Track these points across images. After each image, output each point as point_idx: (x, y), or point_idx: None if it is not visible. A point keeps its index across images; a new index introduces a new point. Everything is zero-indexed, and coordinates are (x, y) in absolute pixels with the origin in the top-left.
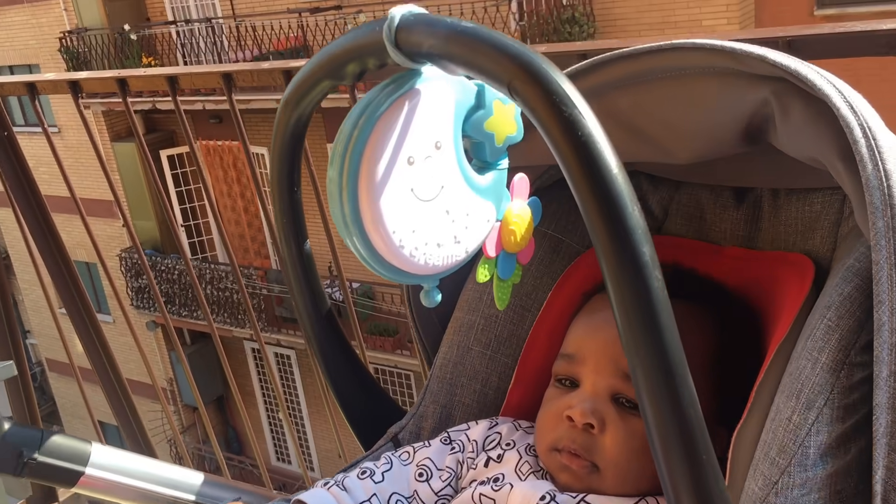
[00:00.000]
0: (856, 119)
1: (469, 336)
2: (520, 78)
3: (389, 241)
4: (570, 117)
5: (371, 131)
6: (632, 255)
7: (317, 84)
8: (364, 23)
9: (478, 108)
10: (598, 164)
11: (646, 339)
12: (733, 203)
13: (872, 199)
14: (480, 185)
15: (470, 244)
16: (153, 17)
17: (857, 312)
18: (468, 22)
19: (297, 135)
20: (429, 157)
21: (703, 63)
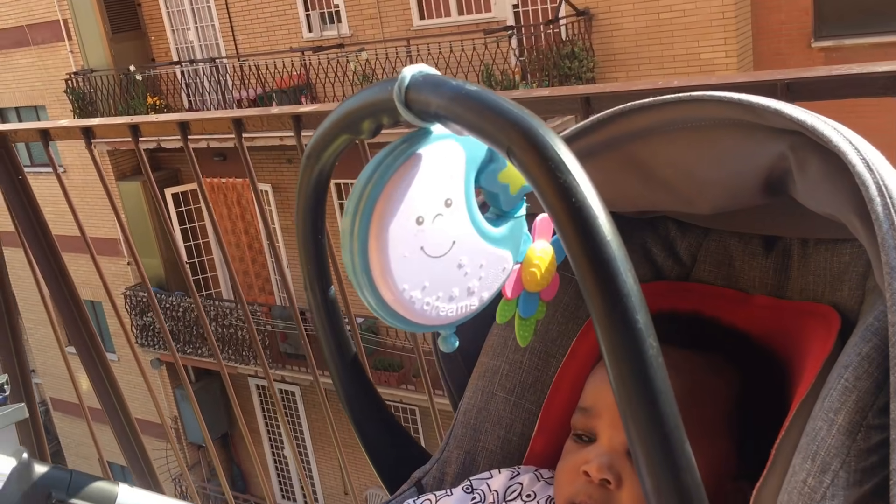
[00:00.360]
0: (872, 177)
1: (494, 381)
2: (518, 143)
3: (400, 296)
4: (565, 184)
5: (381, 191)
6: (625, 323)
7: (336, 138)
8: (380, 82)
9: (490, 161)
10: (592, 229)
11: (641, 407)
12: (762, 251)
13: (889, 260)
14: (495, 234)
15: (485, 294)
16: (158, 58)
17: (875, 373)
18: (473, 85)
19: (321, 186)
20: (439, 214)
21: (720, 115)
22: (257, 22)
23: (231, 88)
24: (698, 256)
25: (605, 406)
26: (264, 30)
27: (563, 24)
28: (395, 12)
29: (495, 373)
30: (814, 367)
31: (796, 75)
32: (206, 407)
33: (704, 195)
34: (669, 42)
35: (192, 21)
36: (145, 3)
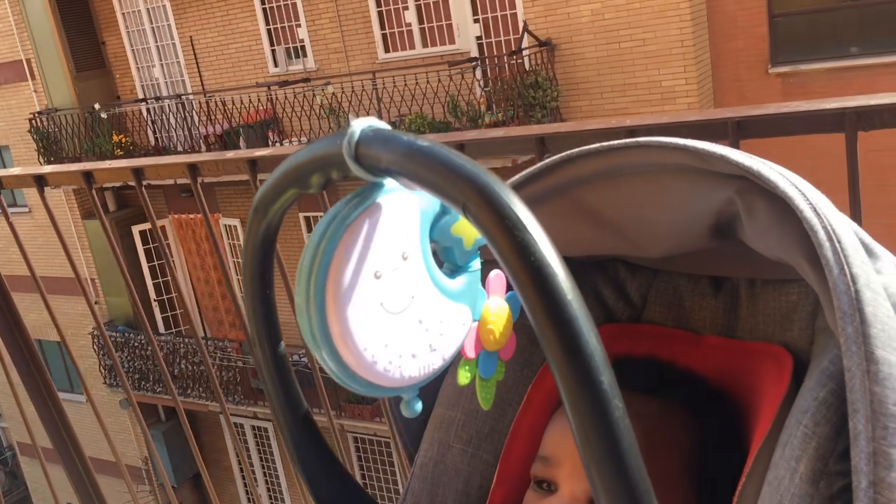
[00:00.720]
0: (819, 221)
1: (450, 433)
2: (473, 200)
3: (361, 357)
4: (523, 242)
5: (336, 247)
6: (590, 384)
7: (283, 192)
8: (329, 135)
9: (443, 214)
10: (552, 289)
11: (609, 471)
12: (711, 291)
13: (840, 305)
14: (452, 289)
15: (447, 351)
16: (123, 95)
17: (833, 418)
18: (425, 140)
19: (268, 240)
20: (396, 268)
21: (667, 161)
22: (223, 58)
23: (197, 124)
24: (649, 297)
25: (565, 455)
26: (230, 65)
27: (526, 55)
28: (360, 46)
29: (451, 423)
30: (770, 410)
31: (746, 113)
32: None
33: (655, 239)
34: (631, 70)
35: (158, 58)
36: (109, 42)
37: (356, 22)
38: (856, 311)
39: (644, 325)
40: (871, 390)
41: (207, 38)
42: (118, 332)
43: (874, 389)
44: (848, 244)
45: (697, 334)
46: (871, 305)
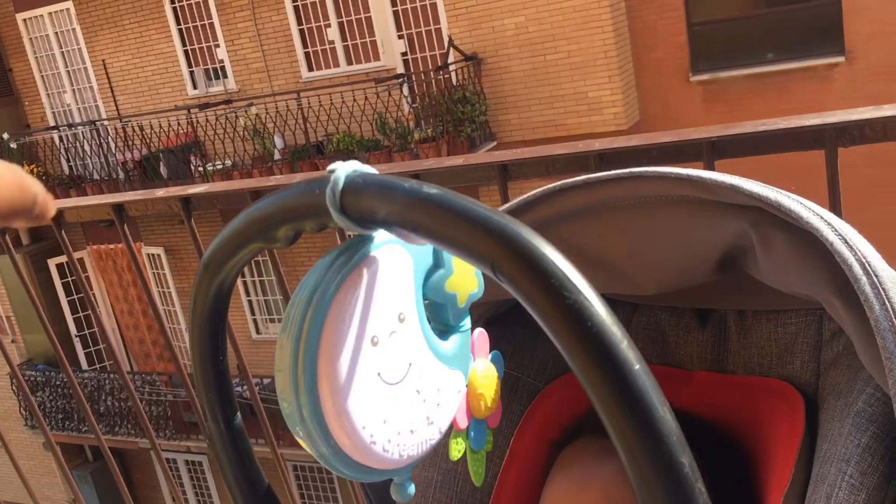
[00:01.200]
0: (853, 255)
1: (427, 496)
2: (507, 258)
3: (359, 439)
4: (576, 305)
5: (327, 313)
6: (671, 470)
7: (242, 247)
8: (302, 182)
9: (437, 268)
10: (617, 360)
11: None
12: (697, 324)
13: (886, 344)
14: (447, 352)
15: (443, 423)
16: (33, 124)
17: (880, 466)
18: (431, 186)
19: (221, 301)
20: (394, 332)
21: (664, 192)
22: (138, 81)
23: (114, 151)
24: (629, 333)
25: None
26: (146, 89)
27: (452, 70)
28: (282, 65)
29: (428, 485)
30: (786, 453)
31: (722, 133)
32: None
33: (649, 277)
34: (557, 82)
35: (69, 84)
36: (17, 68)
37: (277, 41)
38: None
39: None
40: None
41: (121, 60)
42: (38, 371)
43: None
44: (886, 277)
45: (686, 370)
46: None
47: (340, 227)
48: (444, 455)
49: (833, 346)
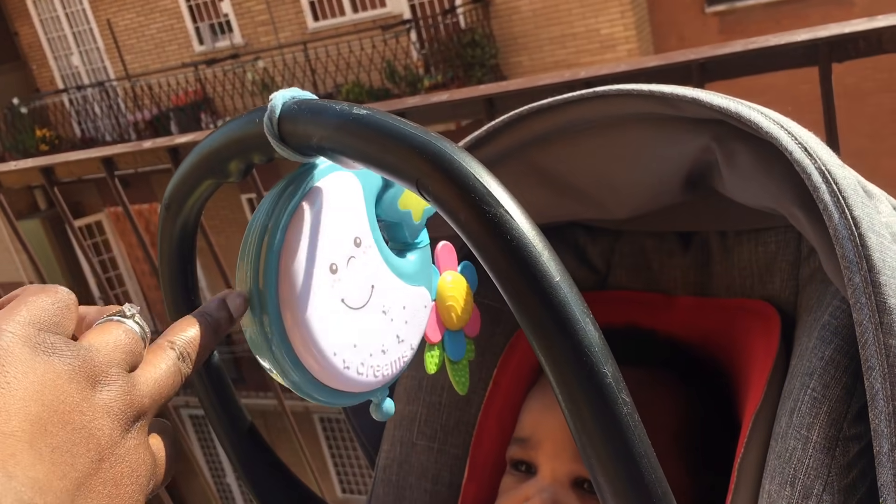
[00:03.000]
0: (812, 162)
1: (412, 430)
2: (429, 175)
3: (332, 366)
4: (496, 218)
5: (282, 244)
6: (592, 380)
7: (198, 184)
8: (244, 113)
9: (388, 187)
10: (537, 270)
11: (621, 480)
12: (679, 248)
13: (845, 253)
14: (408, 270)
15: (413, 339)
16: (43, 87)
17: (844, 378)
18: (362, 107)
19: (187, 240)
20: (352, 257)
21: (629, 110)
22: (144, 40)
23: (125, 111)
24: (612, 261)
25: (545, 435)
26: (152, 47)
27: (460, 13)
28: (287, 16)
29: (413, 420)
30: (761, 372)
31: (710, 53)
32: None
33: (619, 199)
34: (568, 21)
35: (75, 45)
36: (22, 32)
37: None
38: (862, 259)
39: (611, 291)
40: (887, 344)
41: (126, 19)
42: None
43: (889, 342)
44: (846, 185)
45: (669, 296)
46: (878, 251)
47: (285, 158)
48: (428, 388)
49: (811, 263)
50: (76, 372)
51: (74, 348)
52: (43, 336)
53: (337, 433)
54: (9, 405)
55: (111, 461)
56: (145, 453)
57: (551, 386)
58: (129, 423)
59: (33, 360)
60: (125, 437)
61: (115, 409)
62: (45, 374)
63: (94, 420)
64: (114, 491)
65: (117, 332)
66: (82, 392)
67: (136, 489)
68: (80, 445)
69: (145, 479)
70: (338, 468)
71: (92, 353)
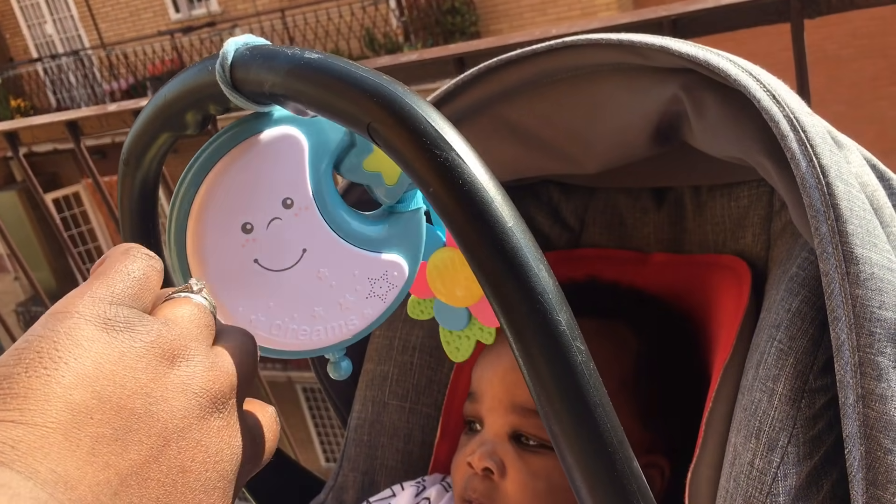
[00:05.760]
0: (780, 110)
1: (384, 389)
2: (378, 118)
3: (237, 320)
4: (447, 162)
5: (194, 194)
6: (545, 328)
7: (156, 138)
8: (198, 62)
9: (352, 146)
10: (490, 216)
11: (574, 426)
12: (653, 205)
13: (812, 202)
14: (372, 236)
15: (368, 309)
16: (16, 57)
17: (810, 330)
18: (314, 52)
19: (147, 197)
20: (276, 219)
21: (598, 61)
22: (119, 7)
23: (100, 81)
24: (586, 219)
25: (486, 388)
26: (127, 15)
27: None
28: None
29: (384, 379)
30: (731, 325)
31: (682, 10)
32: None
33: (590, 153)
34: None
35: (49, 13)
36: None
37: None
38: (829, 207)
39: (584, 249)
40: (853, 294)
41: None
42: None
43: (856, 293)
44: (814, 133)
45: (642, 253)
46: (846, 199)
47: (238, 106)
48: (399, 348)
49: (782, 217)
50: (149, 349)
51: (149, 322)
52: (115, 311)
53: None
54: (49, 394)
55: (180, 445)
56: (232, 437)
57: (505, 335)
58: (211, 403)
59: (97, 339)
60: (206, 419)
61: (195, 387)
62: (106, 354)
63: (162, 402)
64: (179, 478)
65: (189, 306)
66: (154, 371)
67: (214, 476)
68: (137, 432)
69: (230, 465)
70: (321, 437)
71: (169, 327)
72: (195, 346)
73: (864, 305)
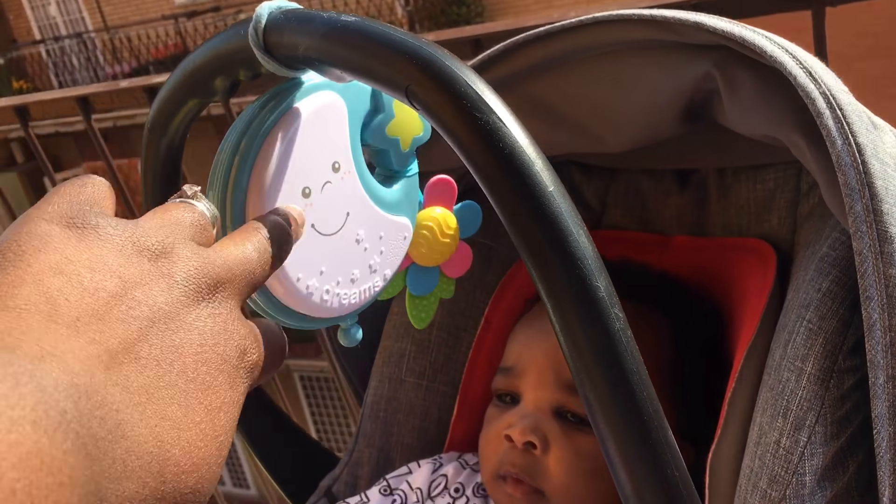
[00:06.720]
0: (817, 88)
1: (401, 366)
2: (419, 81)
3: (294, 289)
4: (488, 125)
5: (253, 165)
6: (585, 294)
7: (183, 104)
8: (230, 26)
9: (376, 113)
10: (530, 181)
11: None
12: (676, 187)
13: (847, 180)
14: (390, 199)
15: (388, 270)
16: (20, 38)
17: (840, 310)
18: (351, 16)
19: (172, 164)
20: (328, 182)
21: (628, 37)
22: None
23: (103, 64)
24: (607, 200)
25: (530, 363)
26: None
27: None
28: None
29: (402, 356)
30: (756, 308)
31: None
32: None
33: (617, 131)
34: None
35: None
36: None
37: None
38: (864, 186)
39: (605, 230)
40: (887, 274)
41: None
42: None
43: (889, 272)
44: (850, 111)
45: (664, 236)
46: (881, 178)
47: (271, 72)
48: None
49: (810, 199)
50: (117, 242)
51: (116, 223)
52: (77, 211)
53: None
54: (17, 280)
55: (168, 325)
56: (229, 324)
57: (542, 301)
58: (199, 291)
59: (61, 235)
60: (195, 305)
61: (177, 275)
62: (73, 245)
63: (139, 286)
64: (175, 357)
65: (177, 210)
66: (125, 259)
67: (215, 358)
68: (117, 310)
69: (233, 351)
70: (317, 426)
71: (139, 226)
72: (172, 239)
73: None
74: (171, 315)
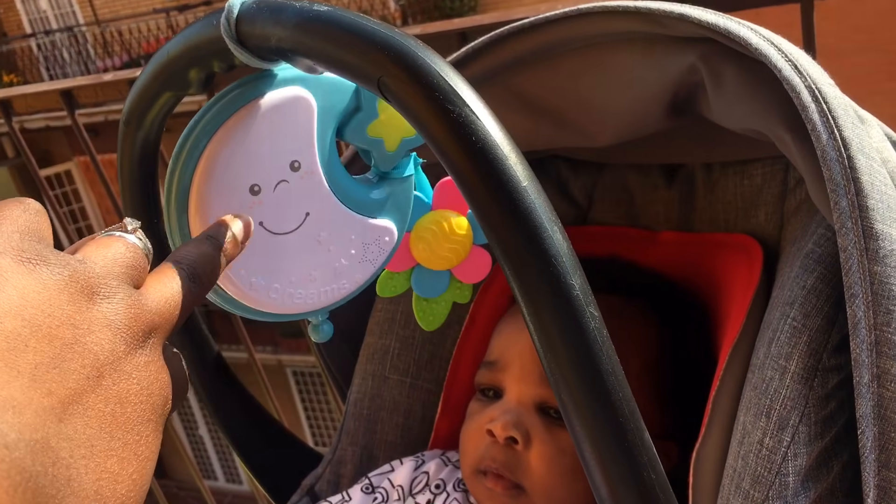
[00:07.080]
0: (802, 81)
1: (385, 363)
2: (391, 72)
3: (238, 282)
4: (460, 118)
5: (201, 155)
6: (558, 292)
7: (157, 97)
8: (203, 16)
9: (357, 110)
10: (503, 174)
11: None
12: (664, 182)
13: (832, 175)
14: (369, 202)
15: (359, 274)
16: (10, 32)
17: (825, 308)
18: (323, 5)
19: (148, 158)
20: (283, 181)
21: (612, 29)
22: None
23: (94, 58)
24: (594, 195)
25: (513, 358)
26: None
27: None
28: None
29: (385, 353)
30: (741, 305)
31: None
32: None
33: (602, 125)
34: None
35: None
36: None
37: None
38: (850, 181)
39: (592, 227)
40: (871, 270)
41: None
42: None
43: (874, 269)
44: (836, 105)
45: (651, 231)
46: (867, 174)
47: (244, 64)
48: (402, 322)
49: (797, 195)
50: (68, 283)
51: (64, 258)
52: (27, 244)
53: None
54: None
55: (114, 377)
56: (159, 372)
57: (515, 298)
58: (136, 339)
59: (16, 271)
60: (133, 354)
61: (118, 323)
62: (28, 285)
63: (89, 334)
64: (118, 409)
65: (117, 245)
66: (76, 304)
67: (147, 409)
68: (71, 361)
69: (160, 400)
70: (310, 421)
71: (86, 264)
72: (115, 283)
73: (882, 282)
74: (114, 364)
